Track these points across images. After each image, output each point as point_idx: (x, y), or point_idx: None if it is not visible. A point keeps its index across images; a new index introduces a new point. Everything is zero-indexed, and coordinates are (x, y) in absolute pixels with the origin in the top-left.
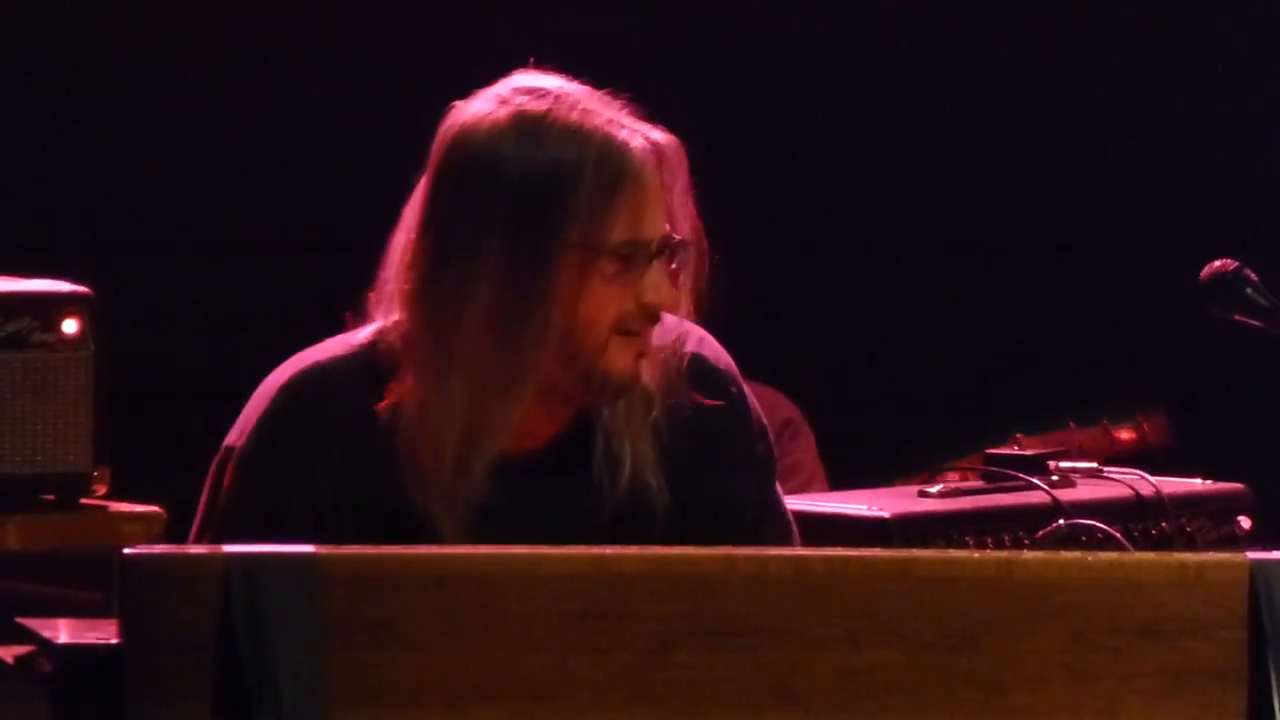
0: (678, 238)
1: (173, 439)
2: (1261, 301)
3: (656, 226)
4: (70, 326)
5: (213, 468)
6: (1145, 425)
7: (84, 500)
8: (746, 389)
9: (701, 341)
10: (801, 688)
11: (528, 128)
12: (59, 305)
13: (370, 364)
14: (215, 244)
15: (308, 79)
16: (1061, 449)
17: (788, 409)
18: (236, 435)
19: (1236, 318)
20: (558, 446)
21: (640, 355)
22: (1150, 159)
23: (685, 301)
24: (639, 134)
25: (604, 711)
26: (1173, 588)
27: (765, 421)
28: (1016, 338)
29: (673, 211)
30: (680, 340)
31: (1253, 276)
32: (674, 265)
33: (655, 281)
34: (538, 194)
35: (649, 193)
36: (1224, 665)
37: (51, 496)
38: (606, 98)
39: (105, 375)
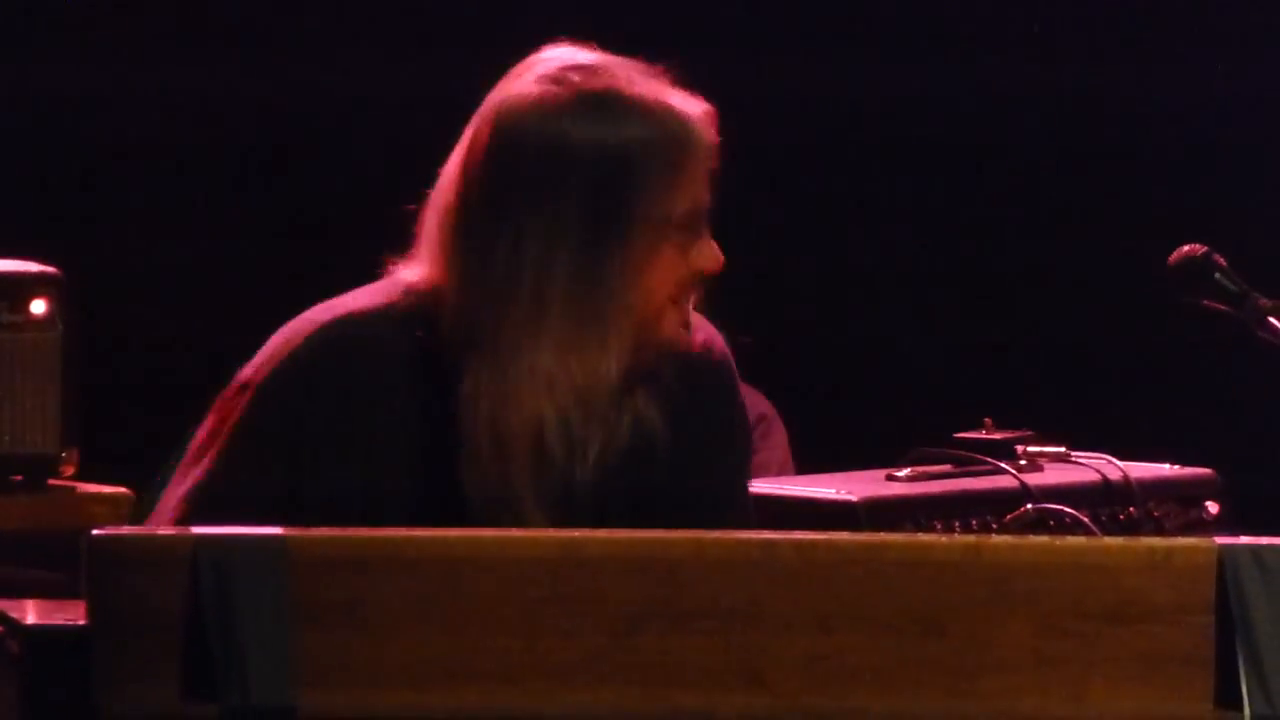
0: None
1: (141, 420)
2: (1230, 286)
3: (709, 193)
4: (38, 307)
5: (219, 401)
6: None
7: (52, 481)
8: (740, 389)
9: (707, 328)
10: (769, 671)
11: (592, 106)
12: (27, 286)
13: (413, 323)
14: (185, 224)
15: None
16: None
17: (761, 404)
18: (254, 371)
19: (1205, 302)
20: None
21: (686, 324)
22: (1122, 146)
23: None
24: (690, 105)
25: (571, 693)
26: (1141, 573)
27: (750, 424)
28: (988, 325)
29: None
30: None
31: (1221, 261)
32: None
33: (709, 247)
34: (612, 171)
35: (705, 162)
36: (1192, 650)
37: (19, 477)
38: (648, 69)
39: (73, 356)
